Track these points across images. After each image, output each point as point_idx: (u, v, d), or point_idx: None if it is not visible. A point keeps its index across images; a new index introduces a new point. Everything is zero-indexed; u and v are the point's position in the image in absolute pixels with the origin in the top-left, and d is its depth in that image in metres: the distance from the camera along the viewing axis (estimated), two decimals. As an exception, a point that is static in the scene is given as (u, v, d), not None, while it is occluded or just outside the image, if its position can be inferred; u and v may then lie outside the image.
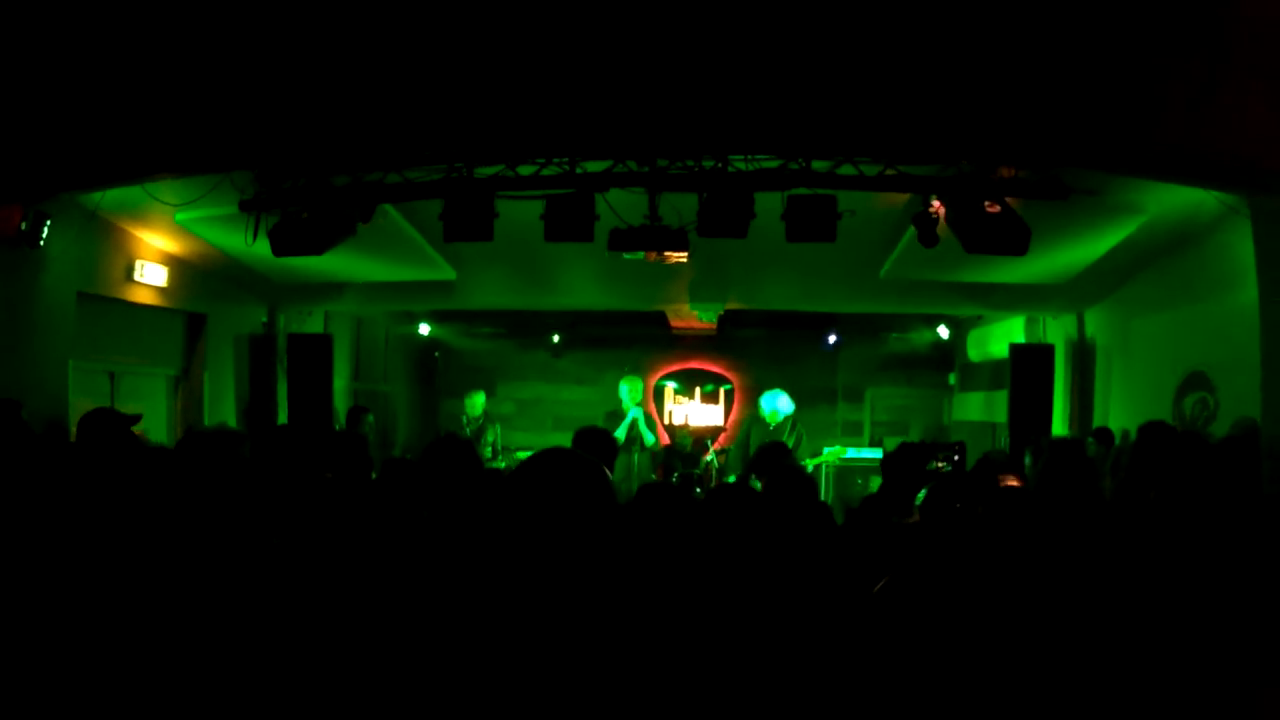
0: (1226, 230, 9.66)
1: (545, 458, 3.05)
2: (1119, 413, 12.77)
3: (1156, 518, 4.59)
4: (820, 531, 5.46)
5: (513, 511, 2.91)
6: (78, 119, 8.34)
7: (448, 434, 11.88)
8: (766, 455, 8.23)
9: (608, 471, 3.16)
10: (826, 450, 14.12)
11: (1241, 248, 9.14)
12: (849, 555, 5.11)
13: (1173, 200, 9.76)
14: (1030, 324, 15.11)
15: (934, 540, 4.35)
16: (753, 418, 12.84)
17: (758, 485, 7.11)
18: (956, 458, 9.61)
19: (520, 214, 9.44)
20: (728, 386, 18.91)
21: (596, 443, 6.95)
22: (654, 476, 13.27)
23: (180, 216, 10.60)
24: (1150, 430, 6.60)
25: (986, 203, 8.97)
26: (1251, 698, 3.33)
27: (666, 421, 18.03)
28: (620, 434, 12.71)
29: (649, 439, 12.87)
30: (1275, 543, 4.19)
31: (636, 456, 12.85)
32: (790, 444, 11.89)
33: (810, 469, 12.39)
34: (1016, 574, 3.91)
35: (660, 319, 17.16)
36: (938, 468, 9.01)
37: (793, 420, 12.61)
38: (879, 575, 3.86)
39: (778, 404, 12.57)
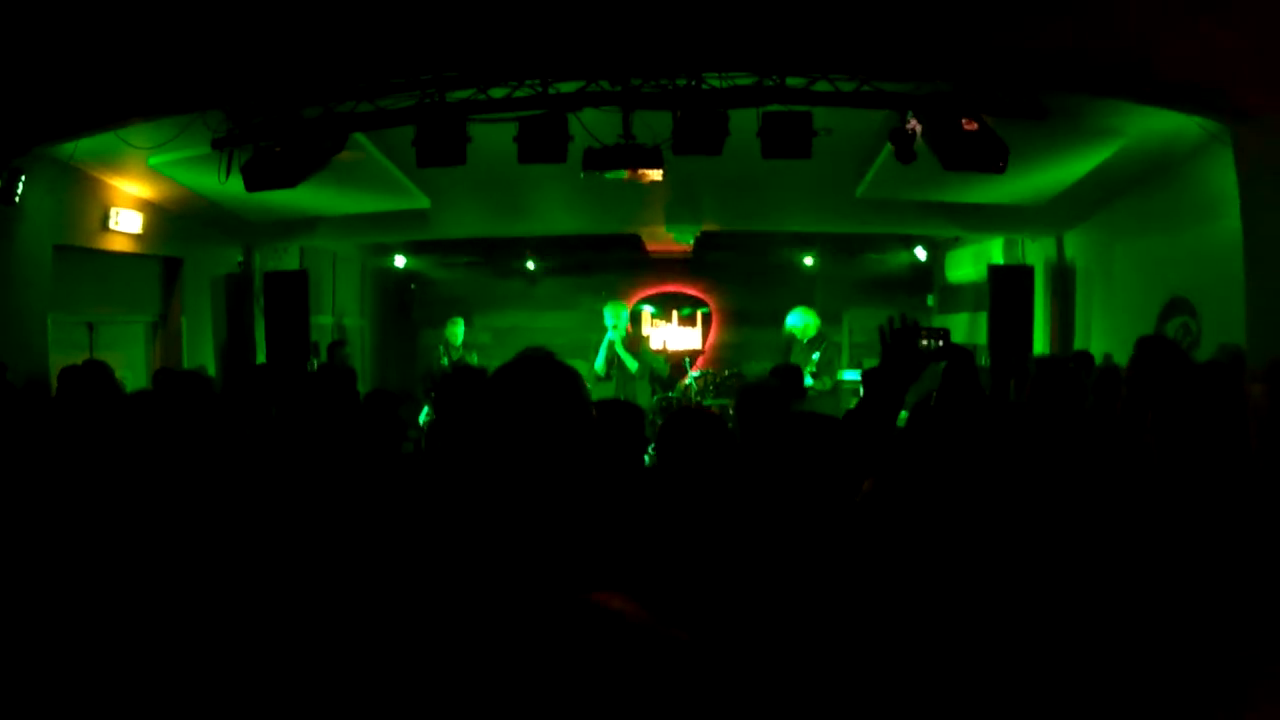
0: (1209, 156, 9.71)
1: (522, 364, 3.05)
2: (1100, 336, 12.88)
3: (1156, 435, 4.60)
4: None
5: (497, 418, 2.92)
6: (45, 71, 8.28)
7: (455, 367, 11.85)
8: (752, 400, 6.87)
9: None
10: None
11: (1224, 174, 9.19)
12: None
13: (1153, 125, 9.79)
14: (1009, 246, 15.17)
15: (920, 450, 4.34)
16: (788, 341, 12.77)
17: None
18: (941, 343, 9.49)
19: (493, 140, 9.38)
20: (705, 309, 18.90)
21: None
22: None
23: (154, 160, 10.56)
24: (1148, 344, 6.60)
25: (964, 120, 8.96)
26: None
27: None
28: (600, 362, 12.61)
29: (631, 365, 12.67)
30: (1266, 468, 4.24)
31: (621, 383, 12.71)
32: (814, 366, 11.86)
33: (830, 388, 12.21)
34: (1005, 489, 3.93)
35: (635, 242, 17.12)
36: (923, 346, 8.88)
37: (822, 334, 12.55)
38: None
39: (800, 320, 12.53)
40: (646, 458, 9.28)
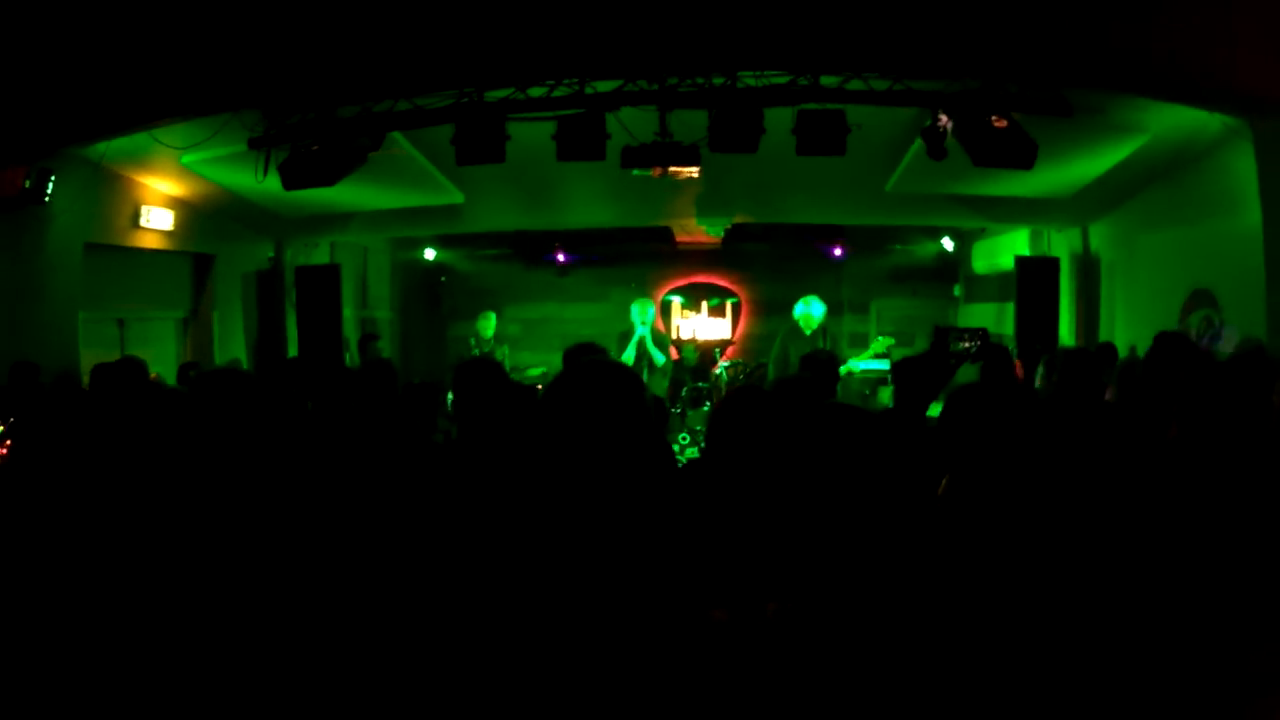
0: (1230, 151, 9.73)
1: (591, 369, 3.16)
2: (1124, 328, 12.84)
3: (1179, 430, 4.58)
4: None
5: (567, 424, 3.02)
6: (79, 72, 8.32)
7: (477, 357, 11.94)
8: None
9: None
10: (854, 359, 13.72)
11: (1245, 168, 9.26)
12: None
13: (1175, 120, 9.77)
14: (1035, 237, 15.20)
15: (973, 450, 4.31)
16: (790, 330, 12.67)
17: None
18: (978, 342, 9.40)
19: (528, 135, 9.38)
20: (734, 299, 18.85)
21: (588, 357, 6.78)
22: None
23: (187, 159, 10.60)
24: (1166, 340, 6.59)
25: (994, 117, 9.01)
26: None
27: (674, 336, 17.96)
28: (629, 354, 12.72)
29: (659, 359, 12.86)
30: None
31: (646, 376, 12.83)
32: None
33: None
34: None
35: (665, 234, 17.15)
36: (963, 348, 8.77)
37: (824, 326, 12.52)
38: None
39: (811, 309, 12.46)
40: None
